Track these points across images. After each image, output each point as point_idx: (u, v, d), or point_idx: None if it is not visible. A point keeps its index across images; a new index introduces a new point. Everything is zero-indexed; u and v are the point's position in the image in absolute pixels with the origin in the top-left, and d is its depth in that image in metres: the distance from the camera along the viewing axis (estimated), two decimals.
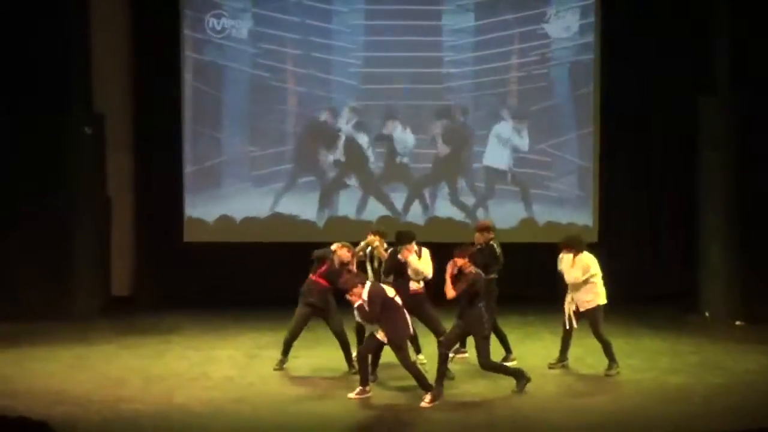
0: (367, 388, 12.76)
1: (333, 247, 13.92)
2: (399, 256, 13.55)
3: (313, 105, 19.92)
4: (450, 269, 12.88)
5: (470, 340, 13.56)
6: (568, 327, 14.10)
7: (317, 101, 19.91)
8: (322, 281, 13.88)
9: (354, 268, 13.70)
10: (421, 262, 13.58)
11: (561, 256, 14.11)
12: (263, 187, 19.87)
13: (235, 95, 19.90)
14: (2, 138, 17.67)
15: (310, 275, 14.00)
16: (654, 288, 19.50)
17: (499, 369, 13.10)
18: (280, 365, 14.09)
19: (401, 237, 13.68)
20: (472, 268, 12.85)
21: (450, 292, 12.78)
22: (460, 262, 12.82)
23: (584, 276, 13.88)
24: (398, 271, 13.62)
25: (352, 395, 12.68)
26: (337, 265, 13.74)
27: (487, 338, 12.82)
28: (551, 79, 19.94)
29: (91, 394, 12.93)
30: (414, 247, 13.57)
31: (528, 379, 12.95)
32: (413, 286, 13.53)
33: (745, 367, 14.40)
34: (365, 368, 12.84)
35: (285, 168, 19.92)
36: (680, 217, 19.58)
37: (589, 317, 13.95)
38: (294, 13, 19.79)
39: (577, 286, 13.93)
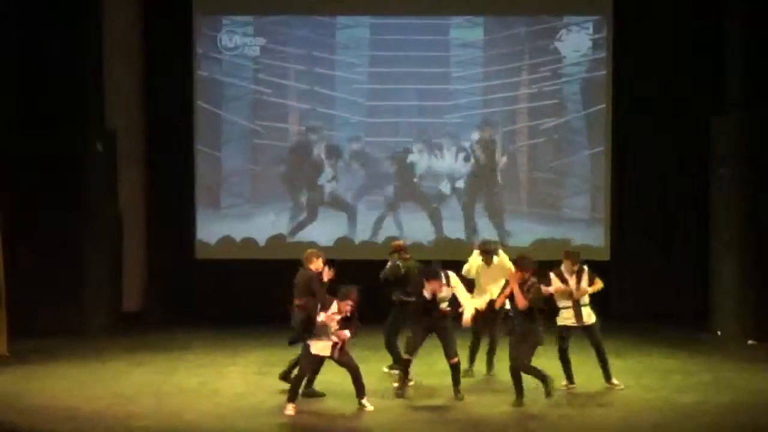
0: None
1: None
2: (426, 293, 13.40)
3: (317, 122, 19.92)
4: (517, 279, 12.90)
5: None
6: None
7: (321, 118, 19.92)
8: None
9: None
10: (461, 294, 13.55)
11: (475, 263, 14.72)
12: (267, 206, 19.94)
13: (242, 112, 19.94)
14: (14, 153, 17.72)
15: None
16: (666, 306, 19.48)
17: (531, 370, 13.05)
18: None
19: (428, 273, 13.49)
20: (533, 279, 12.99)
21: (522, 302, 12.82)
22: (525, 275, 12.92)
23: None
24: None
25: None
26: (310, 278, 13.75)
27: (535, 347, 12.99)
28: (563, 96, 19.91)
29: (102, 410, 12.92)
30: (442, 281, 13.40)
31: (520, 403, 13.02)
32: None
33: (756, 386, 14.35)
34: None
35: (289, 187, 19.99)
36: (692, 235, 19.56)
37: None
38: (300, 28, 19.84)
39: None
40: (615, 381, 14.09)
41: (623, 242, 19.67)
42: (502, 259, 14.69)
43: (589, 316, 13.94)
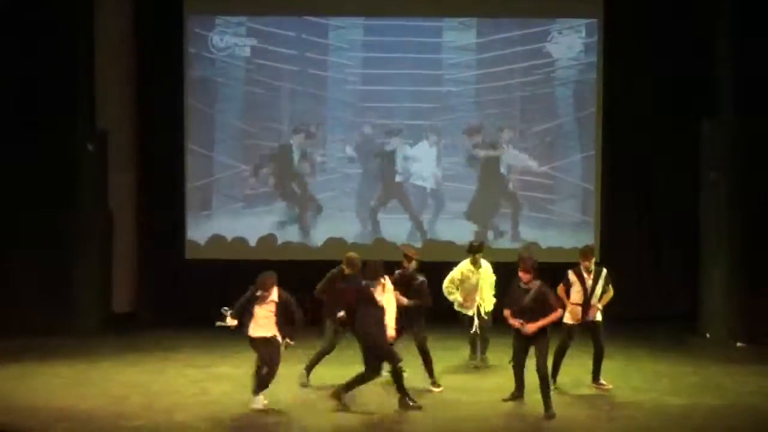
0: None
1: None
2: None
3: (309, 123, 19.92)
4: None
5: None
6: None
7: (313, 119, 19.93)
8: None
9: None
10: (389, 306, 13.09)
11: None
12: (259, 207, 19.98)
13: (233, 112, 19.93)
14: (6, 153, 17.72)
15: None
16: (655, 309, 19.51)
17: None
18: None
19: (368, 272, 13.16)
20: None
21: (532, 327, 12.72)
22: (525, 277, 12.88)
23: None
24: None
25: None
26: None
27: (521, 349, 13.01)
28: (555, 100, 19.91)
29: (92, 410, 12.94)
30: (382, 281, 13.06)
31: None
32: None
33: (745, 388, 14.42)
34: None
35: (280, 188, 20.02)
36: (682, 238, 19.59)
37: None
38: (293, 28, 19.84)
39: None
40: (603, 382, 14.14)
41: (613, 245, 19.69)
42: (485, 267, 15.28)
43: (595, 314, 13.96)
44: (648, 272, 19.91)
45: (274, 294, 13.16)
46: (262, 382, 13.00)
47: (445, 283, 15.24)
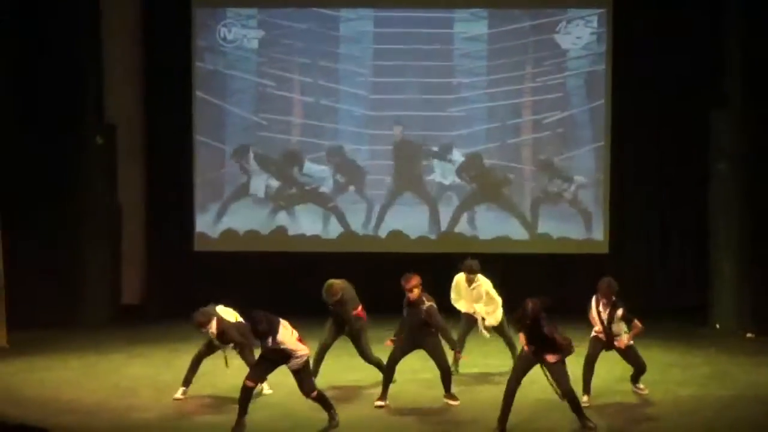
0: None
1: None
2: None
3: (321, 115, 19.90)
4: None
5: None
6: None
7: (324, 111, 19.90)
8: None
9: None
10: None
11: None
12: (268, 199, 19.97)
13: (243, 104, 19.92)
14: (15, 147, 17.74)
15: None
16: (665, 301, 19.42)
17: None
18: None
19: None
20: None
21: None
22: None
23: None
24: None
25: None
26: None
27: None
28: (567, 90, 19.85)
29: (101, 402, 12.99)
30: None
31: None
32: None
33: (755, 379, 14.41)
34: None
35: (291, 180, 19.99)
36: (692, 229, 19.52)
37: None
38: (303, 20, 19.82)
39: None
40: (641, 386, 13.90)
41: (623, 236, 19.65)
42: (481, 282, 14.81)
43: (621, 342, 13.54)
44: (658, 263, 19.82)
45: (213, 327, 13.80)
46: None
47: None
